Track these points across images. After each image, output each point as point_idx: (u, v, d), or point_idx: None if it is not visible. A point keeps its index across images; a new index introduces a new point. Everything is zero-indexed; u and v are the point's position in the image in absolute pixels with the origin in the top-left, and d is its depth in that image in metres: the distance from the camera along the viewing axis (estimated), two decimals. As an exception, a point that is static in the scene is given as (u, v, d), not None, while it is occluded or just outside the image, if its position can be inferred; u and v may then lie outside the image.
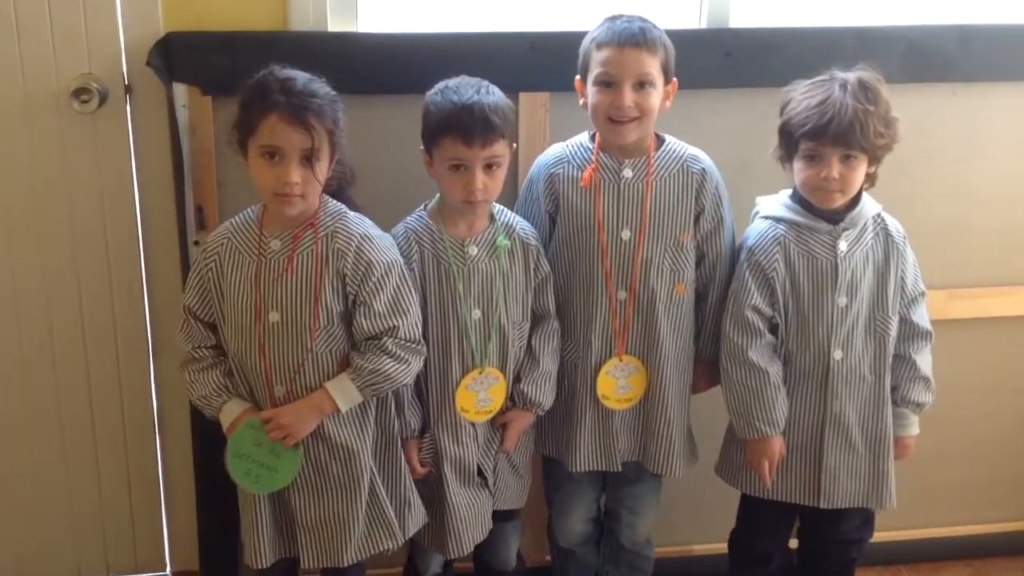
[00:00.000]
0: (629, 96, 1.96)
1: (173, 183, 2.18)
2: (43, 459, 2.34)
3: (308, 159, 1.82)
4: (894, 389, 2.13)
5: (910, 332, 2.12)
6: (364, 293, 1.89)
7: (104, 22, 2.11)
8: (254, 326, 1.88)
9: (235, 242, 1.91)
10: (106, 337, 2.28)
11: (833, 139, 1.95)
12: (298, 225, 1.89)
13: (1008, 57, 2.39)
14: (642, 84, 1.97)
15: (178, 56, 2.10)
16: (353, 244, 1.89)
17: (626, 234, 2.06)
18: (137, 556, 2.44)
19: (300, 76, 1.85)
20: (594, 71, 1.99)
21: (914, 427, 2.16)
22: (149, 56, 2.09)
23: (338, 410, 1.90)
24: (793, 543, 2.34)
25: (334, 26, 2.19)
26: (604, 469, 2.17)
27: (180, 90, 2.13)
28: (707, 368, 2.19)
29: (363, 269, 1.89)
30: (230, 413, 1.93)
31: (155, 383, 2.33)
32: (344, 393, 1.90)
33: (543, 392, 2.08)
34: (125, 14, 2.11)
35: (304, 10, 2.15)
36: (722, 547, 2.35)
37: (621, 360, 2.10)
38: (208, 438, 2.25)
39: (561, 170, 2.09)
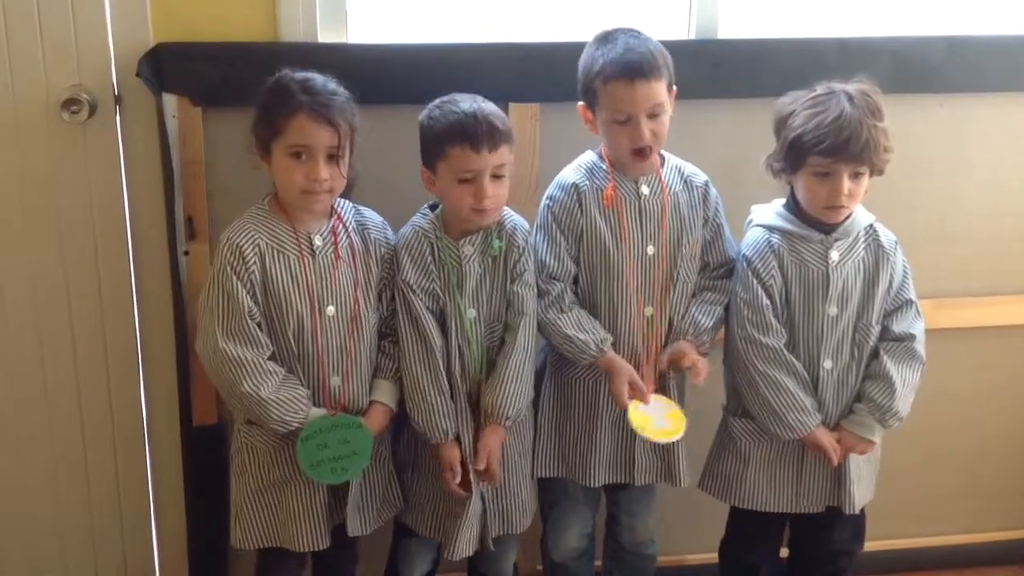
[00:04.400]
0: (647, 128, 1.97)
1: (163, 193, 2.18)
2: (32, 468, 2.33)
3: (334, 156, 1.88)
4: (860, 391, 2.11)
5: (887, 336, 2.10)
6: (388, 277, 2.02)
7: (94, 33, 2.11)
8: (311, 321, 1.93)
9: (270, 240, 1.92)
10: (96, 347, 2.28)
11: (850, 157, 1.95)
12: (328, 221, 1.97)
13: (994, 67, 2.41)
14: (655, 113, 1.98)
15: (168, 67, 2.11)
16: (382, 231, 2.04)
17: (651, 249, 2.08)
18: (127, 564, 2.43)
19: (316, 76, 1.91)
20: (606, 108, 1.99)
21: (867, 430, 2.07)
22: (139, 67, 2.09)
23: (393, 411, 2.03)
24: (784, 553, 2.34)
25: (324, 37, 2.20)
26: (625, 481, 2.17)
27: (170, 101, 2.13)
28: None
29: (391, 253, 2.03)
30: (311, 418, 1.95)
31: (145, 392, 2.33)
32: (391, 396, 2.03)
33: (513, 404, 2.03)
34: (115, 25, 2.11)
35: (294, 21, 2.16)
36: (716, 557, 2.35)
37: (647, 402, 2.07)
38: (197, 446, 2.26)
39: (586, 188, 2.07)
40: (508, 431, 2.04)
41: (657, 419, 2.07)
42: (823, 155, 1.97)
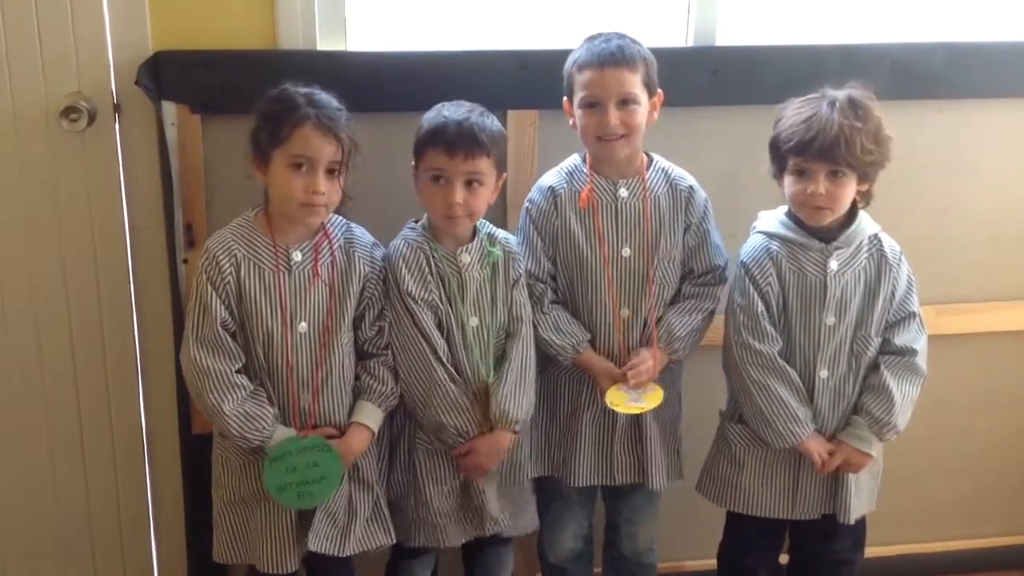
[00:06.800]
0: (614, 115, 1.99)
1: (162, 201, 2.18)
2: (32, 475, 2.34)
3: (333, 171, 1.87)
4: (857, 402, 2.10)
5: (888, 349, 2.10)
6: (375, 297, 1.99)
7: (93, 41, 2.11)
8: (281, 336, 1.91)
9: (247, 252, 1.91)
10: (95, 354, 2.28)
11: (817, 154, 1.95)
12: (312, 236, 1.94)
13: (994, 74, 2.41)
14: (625, 102, 1.99)
15: (167, 74, 2.11)
16: (369, 251, 2.00)
17: (626, 252, 2.08)
18: (126, 572, 2.43)
19: (320, 92, 1.90)
20: (578, 94, 2.02)
21: (865, 443, 2.06)
22: (138, 75, 2.10)
23: (374, 434, 1.99)
24: (784, 559, 2.34)
25: (323, 44, 2.20)
26: (604, 484, 2.18)
27: (169, 108, 2.13)
28: None
29: (377, 273, 1.99)
30: (275, 440, 1.92)
31: (143, 399, 2.33)
32: (375, 419, 1.99)
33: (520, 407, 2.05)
34: (114, 33, 2.11)
35: (293, 29, 2.16)
36: (714, 563, 2.35)
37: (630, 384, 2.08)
38: (196, 454, 2.26)
39: (562, 191, 2.09)
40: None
41: (633, 398, 2.08)
42: (793, 153, 1.98)
